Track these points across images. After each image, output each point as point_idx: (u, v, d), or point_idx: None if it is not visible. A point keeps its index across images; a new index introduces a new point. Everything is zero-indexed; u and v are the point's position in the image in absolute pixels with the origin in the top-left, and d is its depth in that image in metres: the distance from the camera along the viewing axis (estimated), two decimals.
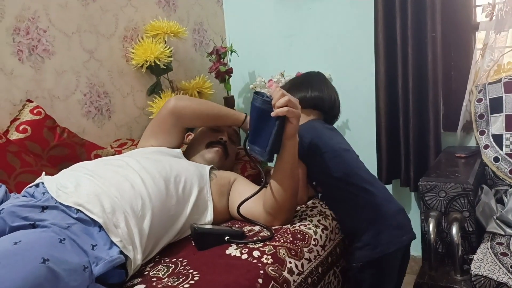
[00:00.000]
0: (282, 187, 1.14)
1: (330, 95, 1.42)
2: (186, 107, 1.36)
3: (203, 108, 1.38)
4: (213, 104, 1.42)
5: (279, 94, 1.04)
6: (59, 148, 1.42)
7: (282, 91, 1.05)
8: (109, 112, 1.76)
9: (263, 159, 1.09)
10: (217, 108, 1.41)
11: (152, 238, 1.05)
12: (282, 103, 1.02)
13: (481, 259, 1.21)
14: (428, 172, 1.48)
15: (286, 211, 1.18)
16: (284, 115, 1.03)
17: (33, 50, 1.48)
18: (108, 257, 0.90)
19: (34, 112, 1.41)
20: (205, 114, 1.37)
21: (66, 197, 0.98)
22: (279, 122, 1.04)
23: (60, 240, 0.86)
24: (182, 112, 1.35)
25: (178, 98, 1.40)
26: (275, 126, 1.04)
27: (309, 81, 1.44)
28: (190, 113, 1.36)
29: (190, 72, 2.14)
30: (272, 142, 1.05)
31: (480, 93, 1.67)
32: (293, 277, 1.00)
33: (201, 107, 1.38)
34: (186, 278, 0.91)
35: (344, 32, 2.04)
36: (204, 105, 1.40)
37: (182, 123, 1.38)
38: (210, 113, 1.38)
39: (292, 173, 1.15)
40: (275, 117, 1.03)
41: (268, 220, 1.18)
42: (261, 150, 1.08)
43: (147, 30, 1.88)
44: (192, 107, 1.37)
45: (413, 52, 1.76)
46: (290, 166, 1.14)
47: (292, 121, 1.05)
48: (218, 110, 1.41)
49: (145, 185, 1.09)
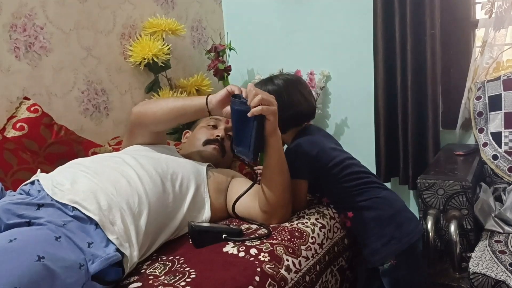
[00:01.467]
0: (272, 184, 1.14)
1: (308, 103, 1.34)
2: (144, 112, 1.27)
3: (161, 108, 1.24)
4: (168, 101, 1.29)
5: (253, 93, 1.03)
6: (56, 146, 1.41)
7: (256, 90, 1.04)
8: (107, 110, 1.75)
9: (249, 160, 1.09)
10: (172, 103, 1.24)
11: (149, 235, 1.05)
12: (255, 102, 1.02)
13: (479, 256, 1.20)
14: (427, 170, 1.47)
15: (280, 207, 1.17)
16: (259, 114, 1.03)
17: (30, 47, 1.47)
18: (105, 255, 0.90)
19: (31, 110, 1.41)
20: (165, 113, 1.23)
21: (62, 195, 0.98)
22: (257, 122, 1.04)
23: (56, 237, 0.86)
24: (142, 118, 1.27)
25: (138, 105, 1.32)
26: (253, 126, 1.04)
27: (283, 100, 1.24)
28: (151, 118, 1.25)
29: (188, 69, 2.14)
30: (254, 142, 1.05)
31: (479, 91, 1.66)
32: (290, 275, 0.99)
33: (158, 107, 1.25)
34: (182, 276, 0.90)
35: (343, 29, 2.03)
36: (161, 104, 1.26)
37: (150, 128, 1.29)
38: (169, 111, 1.23)
39: (281, 169, 1.15)
40: (253, 117, 1.03)
41: (265, 219, 1.18)
42: (245, 151, 1.08)
43: (145, 27, 1.87)
44: (150, 110, 1.26)
45: (412, 49, 1.75)
46: (277, 162, 1.14)
47: (269, 117, 1.05)
48: (173, 104, 1.23)
49: (141, 181, 1.08)
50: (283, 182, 1.16)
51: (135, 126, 1.31)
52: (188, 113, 1.22)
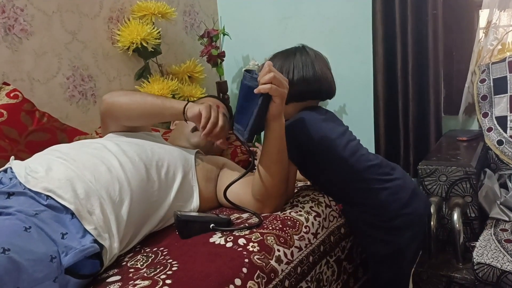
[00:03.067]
0: (269, 172, 1.06)
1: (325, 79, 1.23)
2: (114, 103, 1.16)
3: (136, 102, 1.15)
4: (146, 99, 1.17)
5: (266, 70, 0.97)
6: (38, 133, 1.34)
7: (270, 67, 0.97)
8: (94, 97, 1.68)
9: (243, 139, 1.02)
10: (150, 103, 1.14)
11: (131, 225, 0.98)
12: (266, 79, 0.95)
13: (484, 246, 1.15)
14: (428, 156, 1.41)
15: (275, 197, 1.10)
16: (266, 92, 0.95)
17: (10, 30, 1.40)
18: (80, 246, 0.84)
19: (11, 96, 1.34)
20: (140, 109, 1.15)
21: (36, 183, 0.91)
22: (262, 100, 0.97)
23: (26, 228, 0.79)
24: (112, 109, 1.17)
25: (111, 93, 1.21)
26: (257, 104, 0.97)
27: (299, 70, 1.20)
28: (122, 111, 1.16)
29: (180, 55, 2.06)
30: (253, 120, 0.98)
31: (483, 74, 1.59)
32: (281, 266, 0.93)
33: (132, 100, 1.16)
34: (164, 268, 0.84)
35: (340, 13, 1.96)
36: (136, 98, 1.17)
37: (121, 122, 1.20)
38: (147, 107, 1.14)
39: (280, 158, 1.07)
40: (259, 94, 0.96)
41: (258, 207, 1.11)
42: (242, 129, 1.01)
43: (134, 10, 1.80)
44: (123, 103, 1.16)
45: (412, 31, 1.68)
46: (277, 150, 1.06)
47: (276, 100, 0.97)
48: (151, 102, 1.15)
49: (123, 168, 1.01)
50: (280, 171, 1.09)
51: (106, 117, 1.21)
52: (165, 116, 1.17)
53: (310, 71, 1.19)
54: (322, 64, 1.23)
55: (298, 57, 1.21)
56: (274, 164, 1.07)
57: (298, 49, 1.24)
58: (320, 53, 1.27)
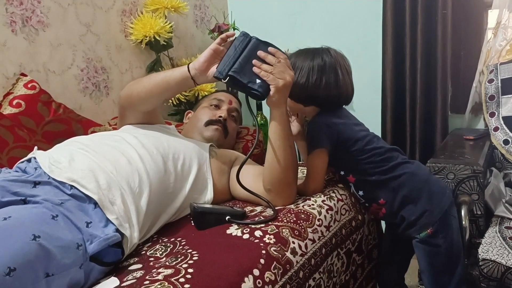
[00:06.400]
0: (275, 159, 1.09)
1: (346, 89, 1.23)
2: (130, 94, 1.21)
3: (144, 86, 1.18)
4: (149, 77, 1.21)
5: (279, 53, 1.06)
6: (54, 124, 1.37)
7: (284, 57, 1.06)
8: (107, 89, 1.70)
9: (214, 75, 1.04)
10: (153, 79, 1.17)
11: (149, 216, 1.01)
12: (273, 61, 1.04)
13: (489, 243, 1.18)
14: (436, 154, 1.43)
15: (284, 185, 1.12)
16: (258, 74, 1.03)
17: (27, 22, 1.42)
18: (103, 235, 0.87)
19: (29, 86, 1.36)
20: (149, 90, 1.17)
21: (60, 172, 0.94)
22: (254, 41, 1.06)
23: (53, 216, 0.82)
24: (130, 100, 1.22)
25: (124, 88, 1.25)
26: (246, 48, 1.04)
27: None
28: (137, 98, 1.20)
29: (190, 49, 2.08)
30: (231, 60, 1.03)
31: (491, 74, 1.61)
32: (296, 258, 0.96)
33: (141, 86, 1.19)
34: (185, 257, 0.87)
35: (350, 9, 1.97)
36: (144, 82, 1.19)
37: (139, 109, 1.23)
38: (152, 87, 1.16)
39: (284, 146, 1.09)
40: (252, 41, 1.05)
41: (270, 199, 1.13)
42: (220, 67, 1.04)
43: (147, 4, 1.81)
44: (136, 91, 1.19)
45: (422, 30, 1.70)
46: (279, 136, 1.09)
47: (272, 88, 1.04)
48: (154, 80, 1.17)
49: (142, 161, 1.04)
50: (287, 158, 1.10)
51: (125, 110, 1.26)
52: (172, 85, 1.15)
53: (332, 77, 1.19)
54: (344, 70, 1.22)
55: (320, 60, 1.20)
56: (279, 150, 1.09)
57: (324, 52, 1.23)
58: (344, 56, 1.27)
